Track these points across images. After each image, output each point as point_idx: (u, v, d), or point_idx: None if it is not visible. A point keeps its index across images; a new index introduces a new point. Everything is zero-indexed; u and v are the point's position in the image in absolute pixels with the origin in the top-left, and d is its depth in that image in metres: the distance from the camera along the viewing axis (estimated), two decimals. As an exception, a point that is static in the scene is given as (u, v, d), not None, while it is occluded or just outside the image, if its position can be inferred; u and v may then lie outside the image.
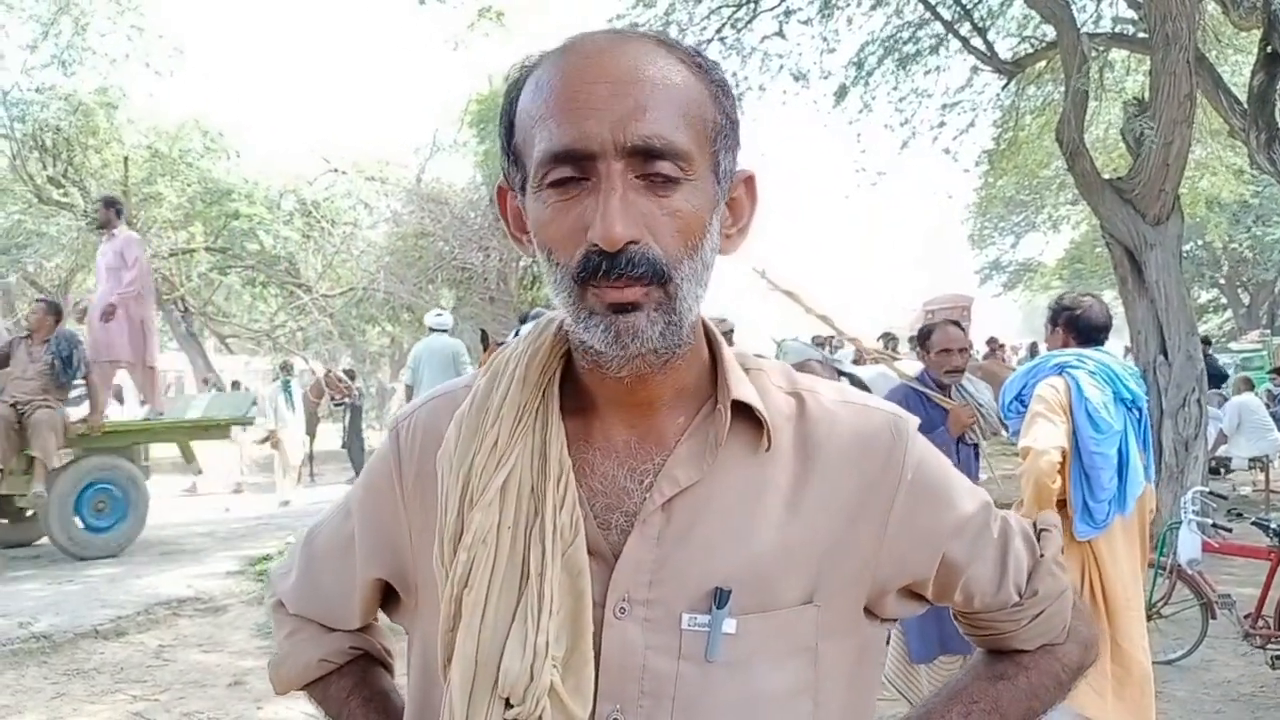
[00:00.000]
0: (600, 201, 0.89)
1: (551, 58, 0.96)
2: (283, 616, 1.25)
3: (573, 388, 1.04)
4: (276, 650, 1.24)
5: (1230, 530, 5.94)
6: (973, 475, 4.72)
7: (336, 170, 21.04)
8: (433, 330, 10.45)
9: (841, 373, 4.99)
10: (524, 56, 1.01)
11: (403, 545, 1.08)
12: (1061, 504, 3.72)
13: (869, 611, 1.07)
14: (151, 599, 7.41)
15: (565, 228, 0.91)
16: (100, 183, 19.35)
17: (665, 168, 0.91)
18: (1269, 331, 28.33)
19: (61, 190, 18.90)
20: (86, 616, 6.87)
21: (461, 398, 1.06)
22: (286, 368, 15.12)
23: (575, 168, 0.90)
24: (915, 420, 1.10)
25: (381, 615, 1.22)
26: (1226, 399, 12.60)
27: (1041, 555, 1.16)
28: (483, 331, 10.28)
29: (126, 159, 18.82)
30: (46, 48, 17.90)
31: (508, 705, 0.92)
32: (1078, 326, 4.00)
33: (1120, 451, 3.74)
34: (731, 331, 6.76)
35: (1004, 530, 1.14)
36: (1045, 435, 3.65)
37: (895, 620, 1.13)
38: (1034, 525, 1.19)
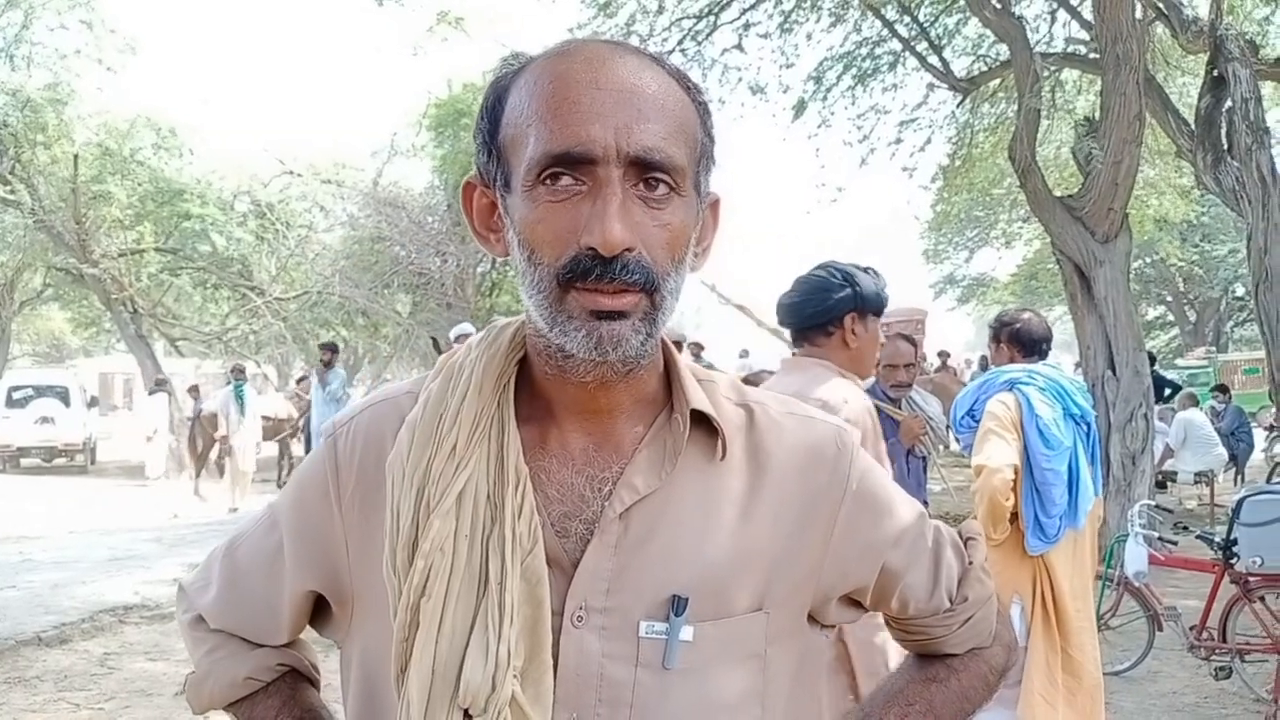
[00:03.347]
0: (600, 206, 0.89)
1: (547, 60, 0.96)
2: (202, 633, 1.19)
3: (528, 395, 1.04)
4: (196, 668, 1.19)
5: (1176, 543, 6.06)
6: (921, 486, 4.77)
7: (292, 172, 20.81)
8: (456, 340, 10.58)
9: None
10: (510, 53, 1.01)
11: (338, 555, 1.06)
12: (1013, 517, 3.77)
13: (811, 618, 1.10)
14: (97, 606, 7.27)
15: (555, 228, 0.91)
16: (49, 180, 19.00)
17: (661, 180, 0.92)
18: (1214, 349, 28.97)
19: (8, 187, 18.51)
20: (29, 623, 6.73)
21: (405, 404, 1.05)
22: (238, 371, 14.87)
23: (573, 171, 0.90)
24: (858, 432, 1.13)
25: (308, 630, 1.18)
26: (1175, 412, 12.85)
27: (970, 563, 1.19)
28: (434, 339, 10.22)
29: (76, 156, 18.48)
30: (-6, 42, 17.57)
31: (467, 715, 0.92)
32: (1020, 339, 4.07)
33: (1070, 467, 3.79)
34: (681, 341, 6.79)
35: (936, 539, 1.17)
36: (998, 453, 3.68)
37: (834, 627, 1.15)
38: (959, 533, 1.23)
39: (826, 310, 2.73)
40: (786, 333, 6.00)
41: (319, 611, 1.14)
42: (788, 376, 2.75)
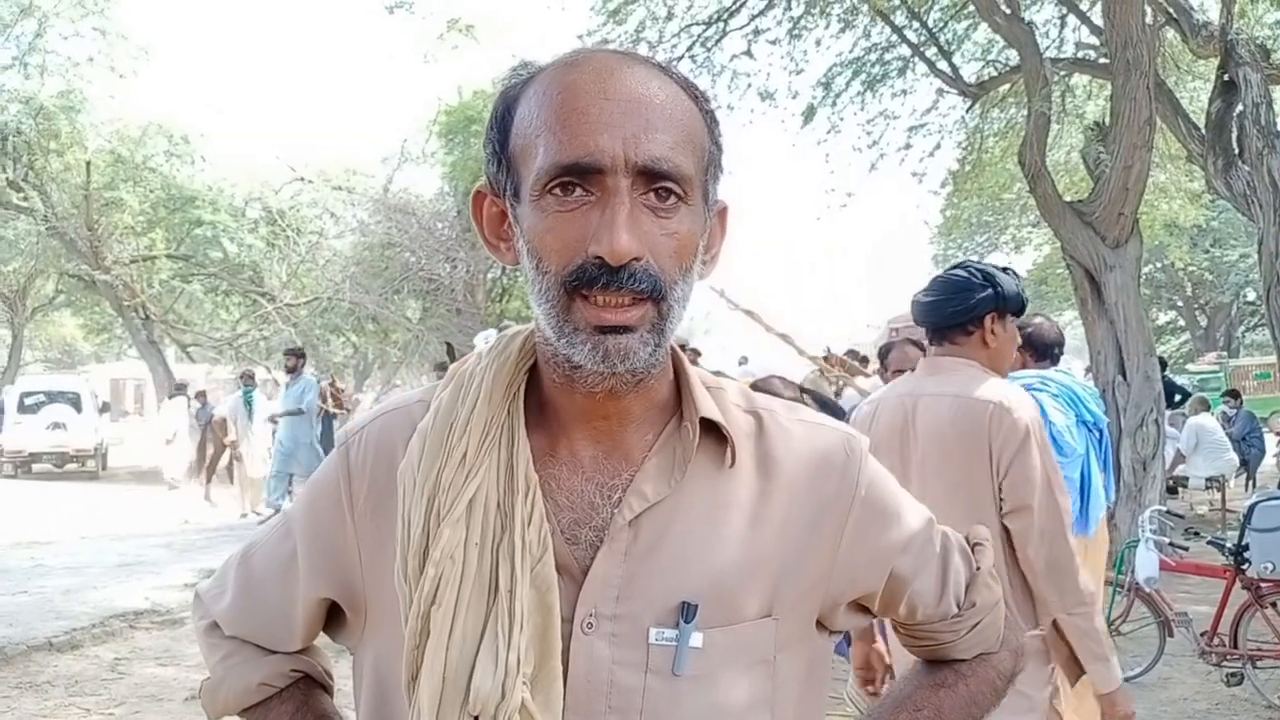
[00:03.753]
0: (609, 216, 0.90)
1: (556, 70, 0.97)
2: (217, 639, 1.20)
3: (537, 403, 1.04)
4: (211, 674, 1.20)
5: (1187, 549, 6.03)
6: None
7: (303, 179, 20.89)
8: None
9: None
10: (519, 63, 1.02)
11: (350, 562, 1.07)
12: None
13: (820, 624, 1.10)
14: (107, 611, 7.29)
15: (563, 237, 0.92)
16: (61, 187, 19.10)
17: (669, 189, 0.93)
18: (1225, 354, 28.85)
19: (21, 194, 18.61)
20: (40, 628, 6.75)
21: (417, 413, 1.06)
22: (248, 377, 14.90)
23: (581, 180, 0.91)
24: (866, 439, 1.13)
25: (321, 636, 1.19)
26: (1186, 418, 12.81)
27: (977, 568, 1.19)
28: (448, 345, 10.22)
29: (89, 164, 18.57)
30: (7, 49, 17.68)
31: None
32: (1033, 344, 4.06)
33: (1083, 474, 3.77)
34: (684, 346, 6.80)
35: (944, 545, 1.17)
36: None
37: (842, 632, 1.16)
38: (967, 539, 1.23)
39: (969, 309, 2.78)
40: (795, 338, 6.00)
41: (333, 618, 1.14)
42: (936, 376, 2.80)
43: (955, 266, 2.92)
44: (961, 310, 2.77)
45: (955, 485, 2.59)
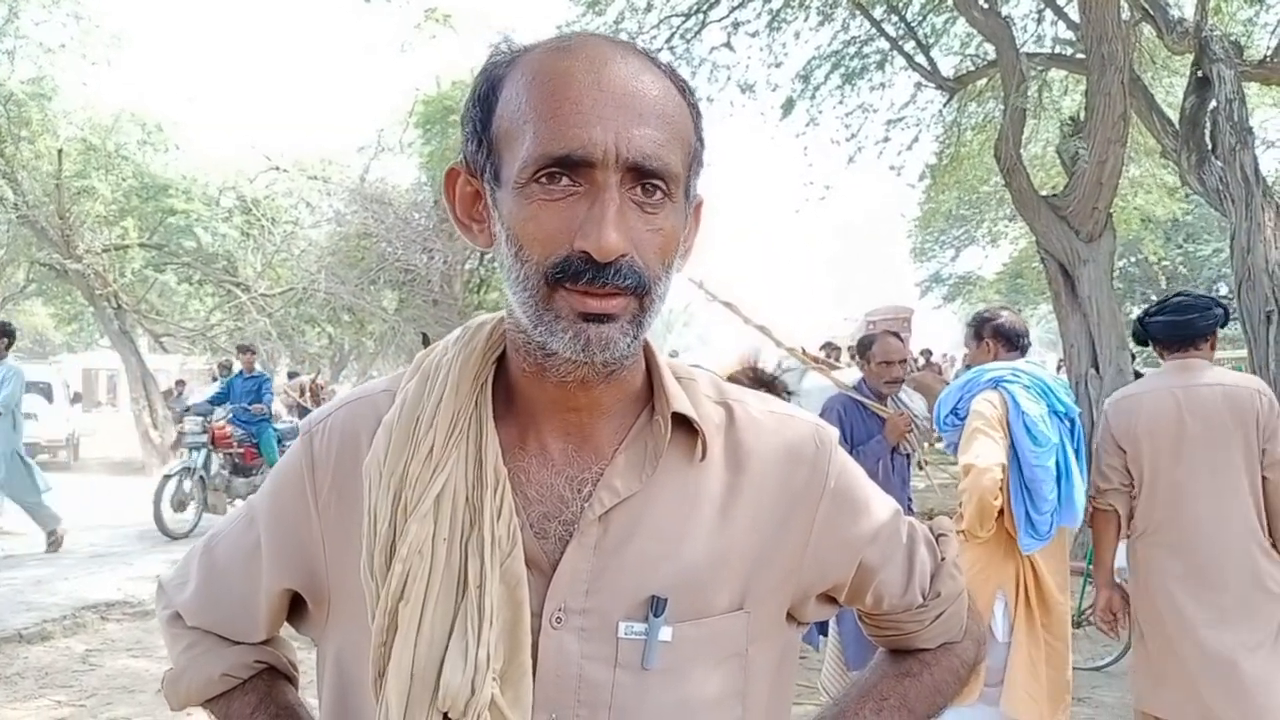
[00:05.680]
0: (597, 211, 0.89)
1: (546, 53, 0.94)
2: (180, 630, 1.20)
3: (505, 394, 1.03)
4: (173, 665, 1.19)
5: (1157, 540, 6.06)
6: (905, 483, 4.79)
7: (278, 168, 20.70)
8: None
9: None
10: (502, 39, 1.00)
11: (314, 554, 1.05)
12: (998, 515, 3.78)
13: (789, 615, 1.10)
14: (79, 602, 7.23)
15: (547, 228, 0.90)
16: (32, 175, 18.86)
17: (657, 186, 0.92)
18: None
19: (-9, 182, 18.36)
20: (10, 620, 6.68)
21: (382, 403, 1.05)
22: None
23: (569, 171, 0.89)
24: (835, 431, 1.13)
25: (286, 627, 1.18)
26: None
27: (942, 558, 1.20)
28: (424, 335, 10.17)
29: (60, 152, 18.34)
30: (-23, 36, 17.44)
31: (446, 719, 0.92)
32: (1004, 334, 4.10)
33: (1058, 463, 3.80)
34: None
35: (910, 535, 1.18)
36: (987, 452, 3.68)
37: (809, 625, 1.16)
38: (931, 529, 1.23)
39: (1214, 324, 3.64)
40: (774, 331, 6.00)
41: (296, 609, 1.14)
42: (1190, 373, 3.60)
43: (1180, 294, 3.80)
44: (1210, 324, 3.63)
45: (1227, 450, 3.44)
